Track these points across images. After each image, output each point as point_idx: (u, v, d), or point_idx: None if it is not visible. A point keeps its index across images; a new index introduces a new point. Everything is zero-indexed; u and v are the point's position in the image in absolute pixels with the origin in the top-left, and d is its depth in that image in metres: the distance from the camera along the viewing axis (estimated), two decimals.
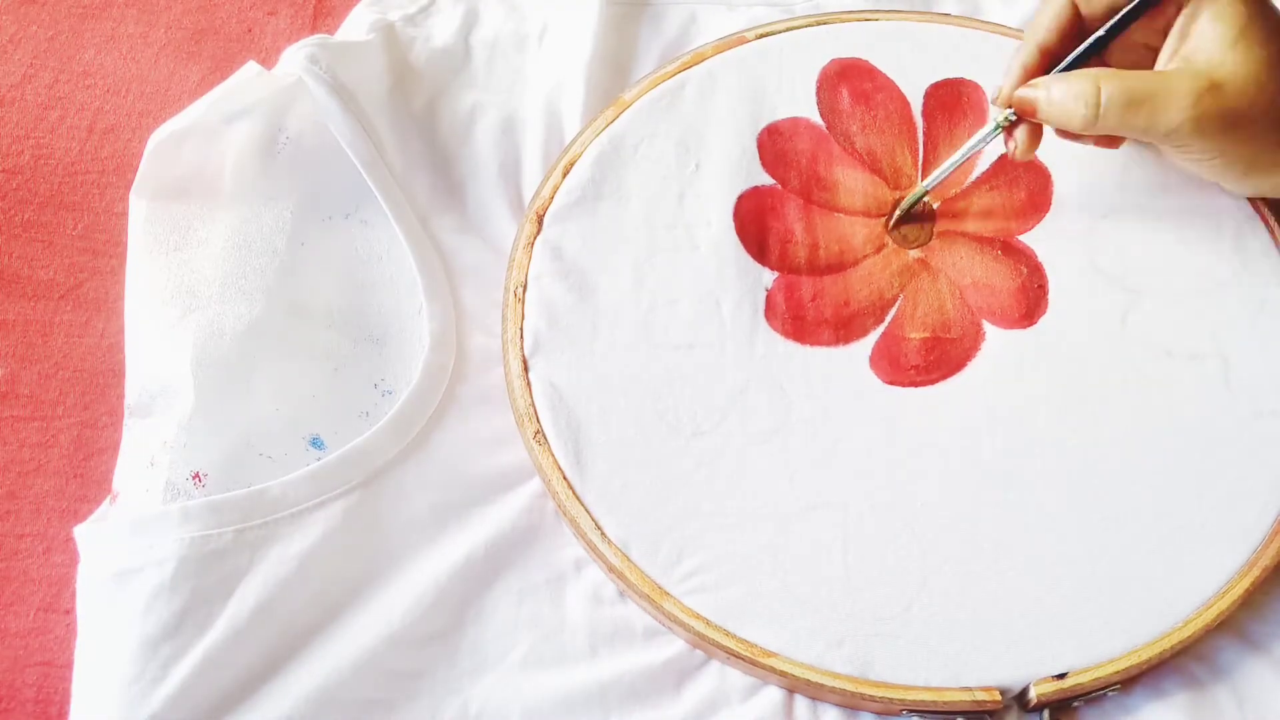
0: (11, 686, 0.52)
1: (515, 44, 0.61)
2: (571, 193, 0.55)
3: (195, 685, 0.46)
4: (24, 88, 0.64)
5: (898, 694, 0.47)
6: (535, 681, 0.49)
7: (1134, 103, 0.48)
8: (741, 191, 0.55)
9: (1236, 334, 0.53)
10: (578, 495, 0.50)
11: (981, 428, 0.51)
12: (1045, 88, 0.49)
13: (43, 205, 0.61)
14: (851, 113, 0.57)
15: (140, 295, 0.55)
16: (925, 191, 0.54)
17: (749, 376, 0.52)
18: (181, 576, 0.47)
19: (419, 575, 0.50)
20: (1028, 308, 0.54)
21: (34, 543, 0.54)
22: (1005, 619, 0.48)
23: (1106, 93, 0.48)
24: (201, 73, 0.65)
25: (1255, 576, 0.49)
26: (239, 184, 0.57)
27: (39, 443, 0.56)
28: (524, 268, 0.54)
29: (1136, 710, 0.49)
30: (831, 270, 0.54)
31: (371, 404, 0.53)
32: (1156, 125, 0.48)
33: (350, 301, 0.55)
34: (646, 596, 0.48)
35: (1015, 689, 0.48)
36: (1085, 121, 0.48)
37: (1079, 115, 0.48)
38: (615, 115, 0.56)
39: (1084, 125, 0.49)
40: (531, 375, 0.52)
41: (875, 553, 0.49)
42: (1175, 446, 0.51)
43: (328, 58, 0.56)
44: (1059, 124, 0.50)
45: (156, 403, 0.52)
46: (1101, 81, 0.48)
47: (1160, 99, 0.48)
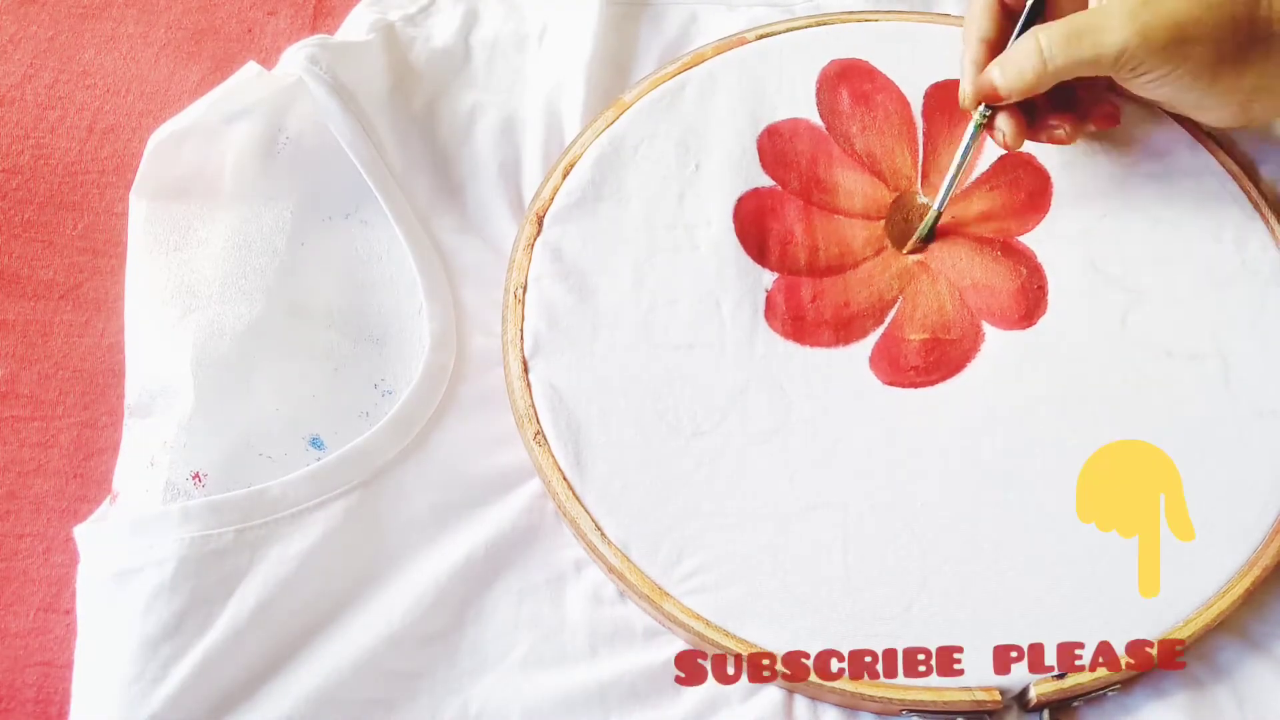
0: (11, 686, 0.52)
1: (515, 44, 0.61)
2: (571, 194, 0.55)
3: (195, 685, 0.46)
4: (24, 88, 0.64)
5: (898, 694, 0.47)
6: (535, 681, 0.49)
7: (1074, 35, 0.50)
8: (741, 193, 0.55)
9: (1236, 334, 0.53)
10: (578, 496, 0.50)
11: (981, 428, 0.51)
12: (996, 65, 0.52)
13: (43, 205, 0.61)
14: (851, 114, 0.57)
15: (140, 295, 0.55)
16: (939, 214, 0.54)
17: (749, 377, 0.52)
18: (181, 576, 0.47)
19: (419, 575, 0.50)
20: (1027, 308, 0.54)
21: (34, 543, 0.54)
22: (1005, 619, 0.48)
23: (1046, 38, 0.50)
24: (201, 73, 0.65)
25: (1255, 576, 0.49)
26: (239, 184, 0.57)
27: (39, 443, 0.56)
28: (524, 269, 0.54)
29: (1136, 710, 0.49)
30: (831, 271, 0.54)
31: (371, 404, 0.53)
32: (1104, 51, 0.49)
33: (350, 301, 0.55)
34: (646, 597, 0.48)
35: (1015, 689, 0.48)
36: (1037, 72, 0.50)
37: (1030, 69, 0.50)
38: (615, 116, 0.56)
39: (1038, 76, 0.50)
40: (531, 376, 0.52)
41: (875, 553, 0.49)
42: (1175, 446, 0.51)
43: (328, 58, 0.56)
44: (1019, 90, 0.51)
45: (156, 403, 0.52)
46: (1039, 33, 0.50)
47: (1098, 24, 0.50)
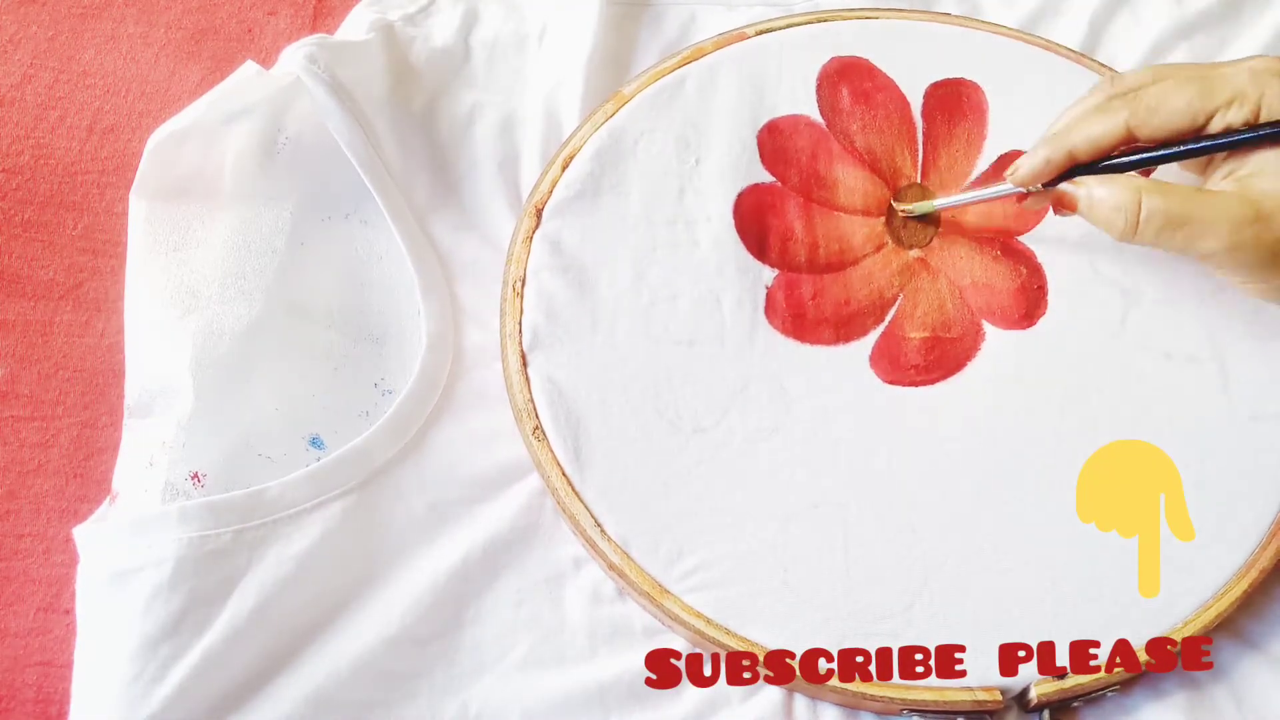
0: (11, 686, 0.52)
1: (515, 44, 0.61)
2: (571, 186, 0.55)
3: (194, 685, 0.46)
4: (24, 88, 0.64)
5: (898, 694, 0.47)
6: (534, 682, 0.49)
7: (1173, 224, 0.46)
8: (741, 188, 0.55)
9: (1234, 337, 0.53)
10: (577, 492, 0.50)
11: (981, 427, 0.51)
12: (1087, 188, 0.48)
13: (43, 205, 0.61)
14: (851, 111, 0.57)
15: (140, 295, 0.55)
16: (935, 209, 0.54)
17: (749, 374, 0.52)
18: (180, 577, 0.47)
19: (418, 575, 0.50)
20: (1027, 308, 0.54)
21: (34, 543, 0.54)
22: (1005, 619, 0.48)
23: (1148, 208, 0.46)
24: (201, 73, 0.65)
25: (1253, 578, 0.49)
26: (238, 184, 0.57)
27: (39, 443, 0.56)
28: (522, 262, 0.53)
29: (1136, 710, 0.49)
30: (831, 269, 0.54)
31: (371, 404, 0.53)
32: (1193, 248, 0.46)
33: (350, 301, 0.55)
34: (646, 594, 0.48)
35: (1015, 689, 0.48)
36: (1122, 233, 0.47)
37: (1117, 226, 0.47)
38: (615, 109, 0.56)
39: (1121, 236, 0.47)
40: (530, 370, 0.51)
41: (876, 551, 0.49)
42: (1174, 448, 0.51)
43: (327, 57, 0.56)
44: (1095, 224, 0.48)
45: (156, 403, 0.52)
46: (1144, 195, 0.46)
47: (1200, 224, 0.46)
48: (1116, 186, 0.47)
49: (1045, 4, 0.62)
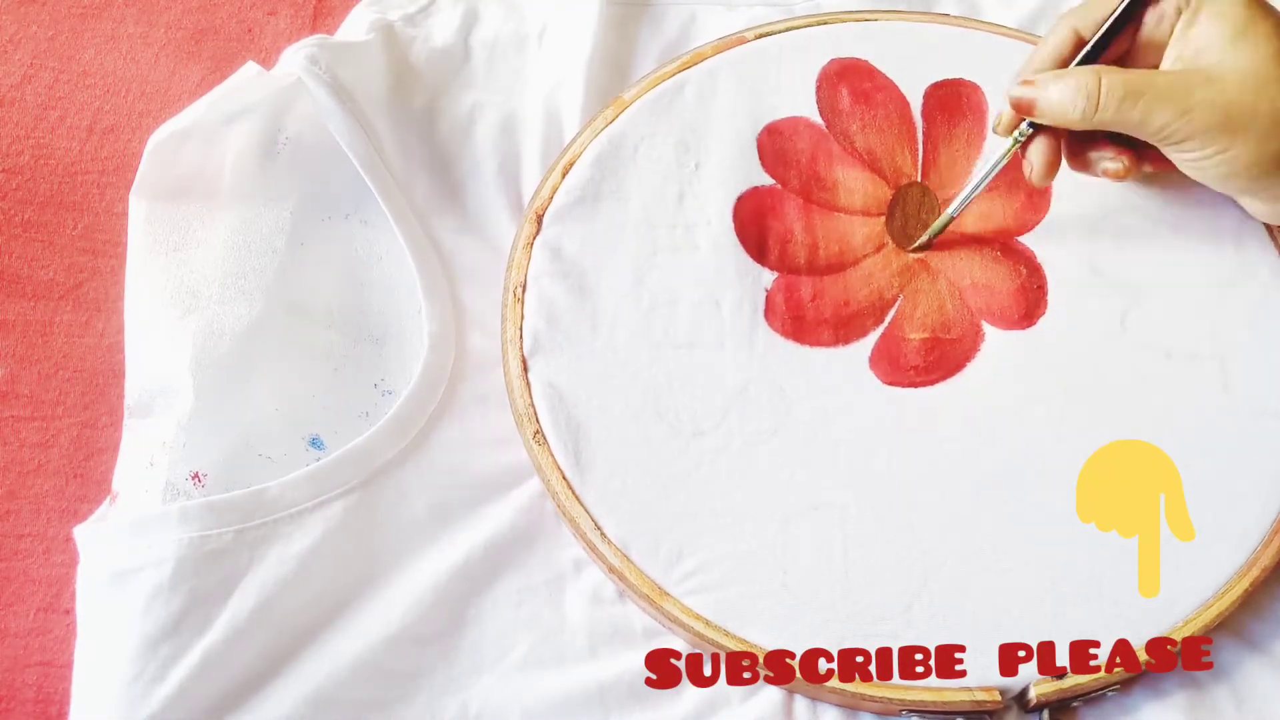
0: (11, 686, 0.52)
1: (515, 44, 0.61)
2: (571, 192, 0.55)
3: (194, 685, 0.46)
4: (24, 88, 0.64)
5: (898, 694, 0.47)
6: (534, 682, 0.49)
7: (1132, 94, 0.48)
8: (741, 191, 0.55)
9: (1235, 335, 0.53)
10: (577, 495, 0.50)
11: (981, 428, 0.51)
12: (1042, 85, 0.50)
13: (43, 205, 0.61)
14: (851, 112, 0.57)
15: (140, 295, 0.55)
16: (951, 219, 0.54)
17: (749, 376, 0.52)
18: (181, 577, 0.47)
19: (418, 576, 0.50)
20: (1027, 308, 0.54)
21: (34, 543, 0.54)
22: (1005, 619, 0.48)
23: (1107, 83, 0.48)
24: (201, 73, 0.65)
25: (1254, 577, 0.49)
26: (239, 184, 0.57)
27: (39, 443, 0.56)
28: (523, 268, 0.54)
29: (1136, 710, 0.49)
30: (831, 270, 0.54)
31: (371, 404, 0.53)
32: (1151, 119, 0.48)
33: (350, 301, 0.55)
34: (646, 596, 0.48)
35: (1015, 689, 0.48)
36: (1083, 114, 0.49)
37: (1078, 107, 0.49)
38: (615, 115, 0.56)
39: (1082, 118, 0.49)
40: (531, 375, 0.52)
41: (876, 552, 0.49)
42: (1174, 447, 0.51)
43: (327, 58, 0.56)
44: (1057, 119, 0.50)
45: (156, 403, 0.52)
46: (1102, 74, 0.49)
47: (1157, 92, 0.48)
48: (1073, 72, 0.50)
49: (1045, 4, 0.63)
